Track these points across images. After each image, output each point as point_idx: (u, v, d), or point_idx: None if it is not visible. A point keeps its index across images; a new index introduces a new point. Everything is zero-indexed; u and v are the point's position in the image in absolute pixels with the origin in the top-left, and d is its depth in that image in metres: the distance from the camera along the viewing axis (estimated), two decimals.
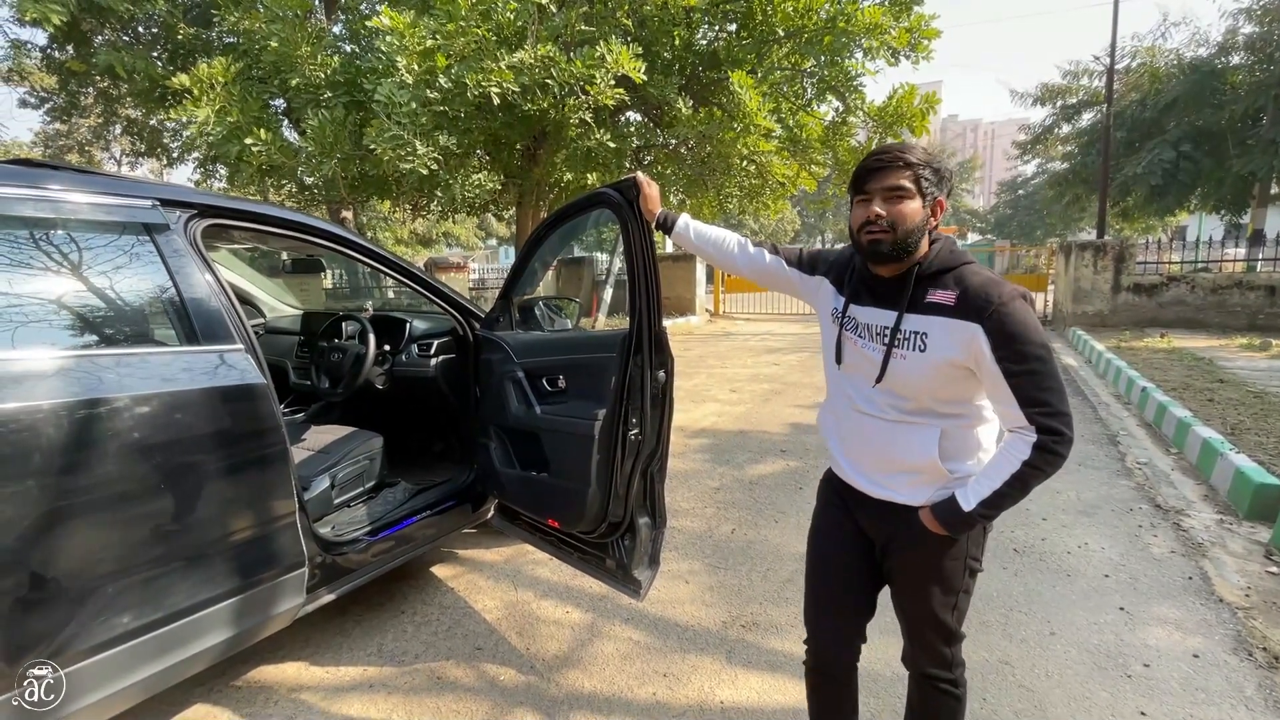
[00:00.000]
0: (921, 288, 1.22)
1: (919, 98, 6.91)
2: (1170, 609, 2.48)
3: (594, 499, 2.04)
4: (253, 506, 1.79)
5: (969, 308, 1.16)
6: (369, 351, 2.68)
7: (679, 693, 2.05)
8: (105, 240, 1.68)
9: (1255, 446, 4.01)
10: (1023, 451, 1.16)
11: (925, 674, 1.42)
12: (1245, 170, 12.57)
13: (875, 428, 1.32)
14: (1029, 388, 1.13)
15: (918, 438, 1.26)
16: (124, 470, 1.52)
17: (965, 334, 1.16)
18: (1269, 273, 9.90)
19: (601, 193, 1.91)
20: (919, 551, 1.32)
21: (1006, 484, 1.18)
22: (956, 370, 1.20)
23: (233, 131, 5.99)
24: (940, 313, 1.19)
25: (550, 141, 6.87)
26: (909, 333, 1.22)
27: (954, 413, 1.26)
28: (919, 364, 1.22)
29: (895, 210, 1.19)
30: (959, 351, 1.17)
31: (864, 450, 1.36)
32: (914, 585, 1.35)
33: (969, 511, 1.21)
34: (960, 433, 1.27)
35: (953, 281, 1.20)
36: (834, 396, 1.45)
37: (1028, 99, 16.76)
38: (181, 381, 1.64)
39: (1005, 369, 1.13)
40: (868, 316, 1.31)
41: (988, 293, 1.15)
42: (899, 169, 1.20)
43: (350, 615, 2.52)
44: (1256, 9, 12.45)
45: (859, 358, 1.33)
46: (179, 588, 1.62)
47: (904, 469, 1.30)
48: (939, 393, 1.24)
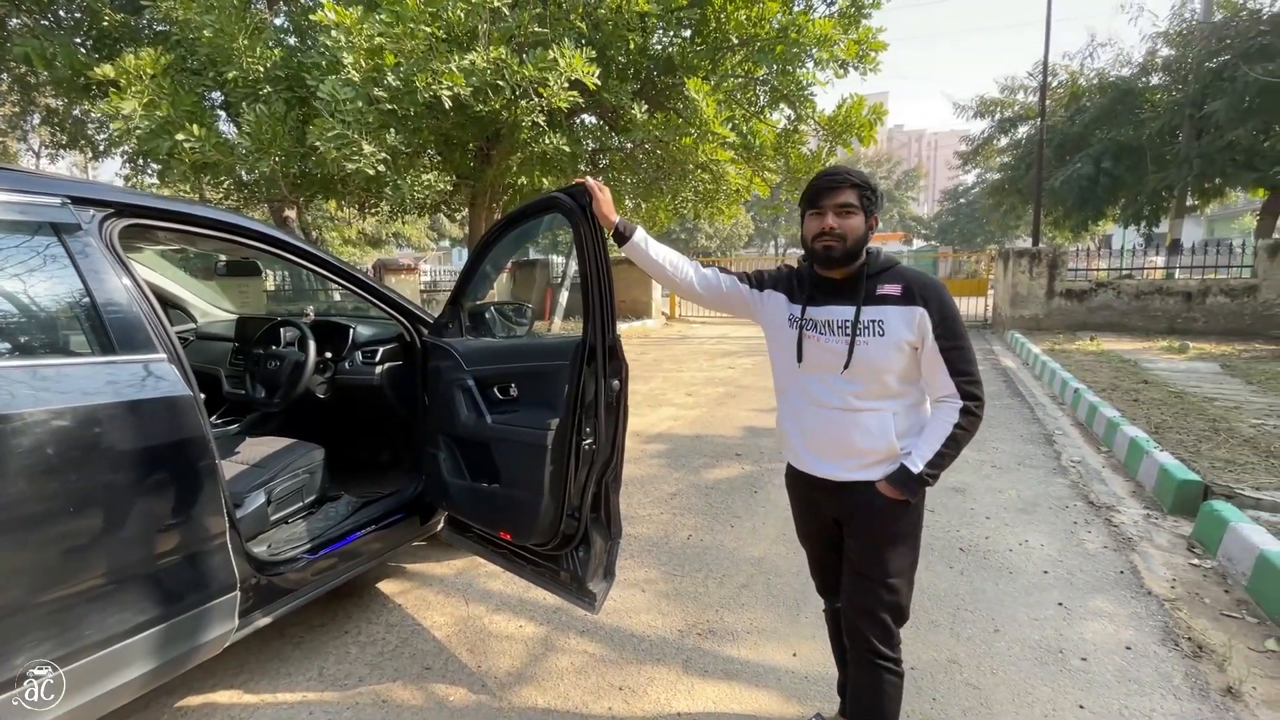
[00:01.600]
0: (871, 284, 1.47)
1: (867, 108, 7.10)
2: (1104, 603, 2.59)
3: (547, 511, 1.99)
4: (178, 528, 1.67)
5: (913, 295, 1.43)
6: (309, 359, 2.55)
7: (635, 706, 2.02)
8: (8, 242, 1.54)
9: (1177, 445, 4.25)
10: (952, 416, 1.44)
11: (870, 651, 1.55)
12: (1162, 184, 13.44)
13: (837, 419, 1.50)
14: (957, 360, 1.42)
15: (875, 423, 1.48)
16: (33, 491, 1.39)
17: (913, 316, 1.42)
18: (1185, 280, 10.57)
19: (554, 197, 1.86)
20: (876, 518, 1.52)
21: (944, 445, 1.44)
22: (908, 348, 1.43)
23: (162, 126, 5.67)
24: (891, 302, 1.44)
25: (504, 143, 6.76)
26: (868, 321, 1.44)
27: (903, 393, 1.48)
28: (880, 346, 1.43)
29: (845, 224, 1.44)
30: (910, 332, 1.42)
31: (827, 441, 1.53)
32: (871, 548, 1.54)
33: (918, 473, 1.45)
34: (908, 413, 1.50)
35: (894, 277, 1.46)
36: (792, 397, 1.61)
37: (968, 111, 17.48)
38: (98, 394, 1.52)
39: (941, 344, 1.41)
40: (827, 314, 1.49)
41: (925, 282, 1.45)
42: (848, 188, 1.43)
43: (288, 637, 2.39)
44: (1173, 33, 13.33)
45: (822, 352, 1.50)
46: (94, 618, 1.49)
47: (864, 451, 1.49)
48: (897, 371, 1.45)
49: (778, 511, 3.54)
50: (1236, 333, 9.87)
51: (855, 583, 1.57)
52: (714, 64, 6.97)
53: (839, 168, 1.48)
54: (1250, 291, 9.97)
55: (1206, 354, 8.18)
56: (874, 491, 1.50)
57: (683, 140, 6.40)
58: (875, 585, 1.54)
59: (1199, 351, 8.36)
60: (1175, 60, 13.37)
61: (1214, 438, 4.40)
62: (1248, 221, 27.31)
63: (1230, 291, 10.11)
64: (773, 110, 8.02)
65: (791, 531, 3.38)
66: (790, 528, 3.38)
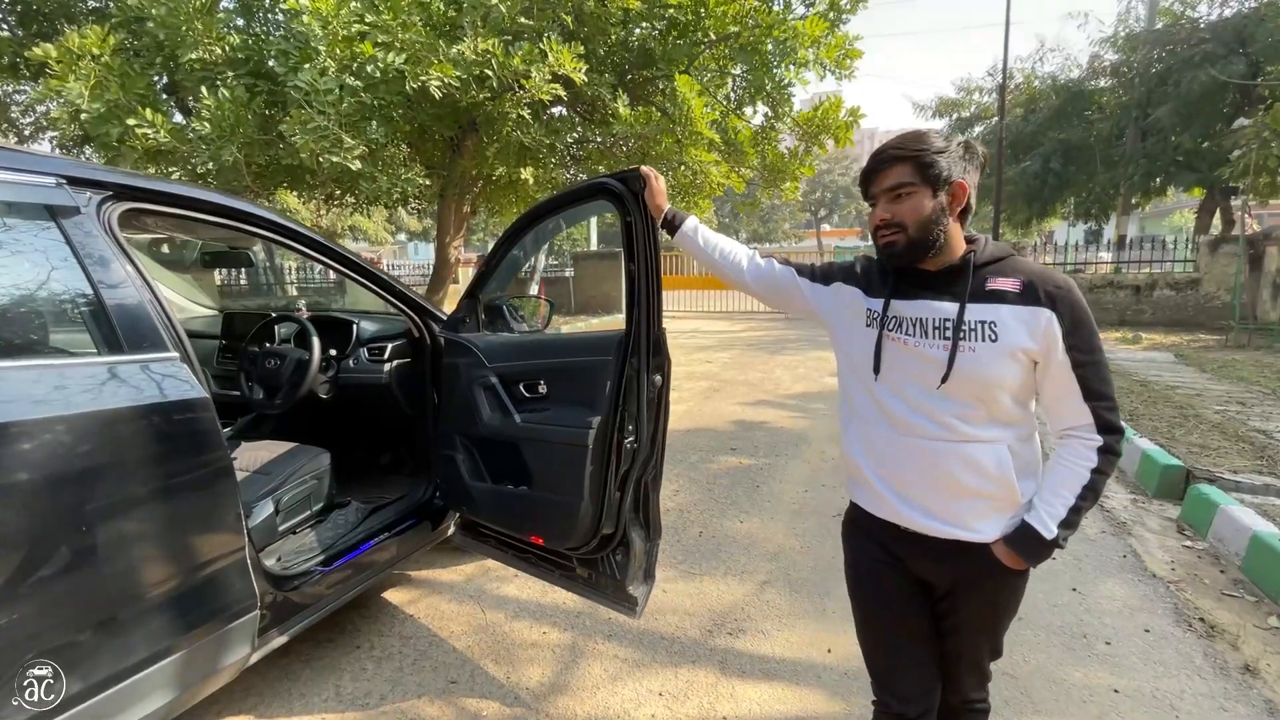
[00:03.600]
0: (979, 276, 1.14)
1: (844, 110, 7.16)
2: (1115, 586, 2.65)
3: (586, 513, 1.90)
4: (198, 543, 1.52)
5: (1037, 294, 1.10)
6: (313, 357, 2.38)
7: (679, 711, 1.95)
8: None
9: (1152, 431, 4.43)
10: (1089, 459, 1.11)
11: (964, 700, 1.35)
12: (1110, 183, 14.09)
13: (935, 450, 1.16)
14: (1094, 379, 1.09)
15: (989, 456, 1.14)
16: (35, 510, 1.23)
17: (1037, 320, 1.09)
18: (1135, 274, 11.12)
19: (603, 182, 1.76)
20: (986, 587, 1.22)
21: (1080, 497, 1.12)
22: (1026, 360, 1.11)
23: (112, 110, 5.27)
24: (1006, 300, 1.11)
25: (481, 134, 6.55)
26: (974, 322, 1.11)
27: (1019, 420, 1.16)
28: (992, 355, 1.10)
29: (900, 209, 1.13)
30: (1031, 340, 1.09)
31: (919, 478, 1.19)
32: (978, 622, 1.26)
33: (1052, 538, 1.12)
34: (1023, 448, 1.18)
35: (1012, 269, 1.14)
36: (867, 419, 1.26)
37: (928, 111, 17.96)
38: (106, 399, 1.36)
39: (1074, 358, 1.08)
40: (918, 310, 1.17)
41: (1053, 278, 1.11)
42: (897, 165, 1.13)
43: (296, 655, 2.23)
44: (1118, 40, 13.97)
45: (911, 360, 1.17)
46: (107, 650, 1.34)
47: (974, 495, 1.16)
48: (1013, 390, 1.12)
49: (784, 505, 3.53)
50: (1181, 323, 10.43)
51: (951, 649, 1.30)
52: (690, 60, 6.91)
53: (892, 140, 1.16)
54: (1193, 285, 10.56)
55: (1159, 344, 8.61)
56: (989, 554, 1.18)
57: (665, 140, 6.33)
58: (976, 658, 1.29)
59: (1151, 342, 8.79)
60: (1121, 65, 14.02)
61: (1185, 424, 4.60)
62: (1177, 219, 29.00)
63: (1175, 285, 10.67)
64: (748, 106, 8.01)
65: (802, 527, 3.42)
66: (800, 523, 3.41)
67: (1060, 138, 14.45)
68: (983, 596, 1.23)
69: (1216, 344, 8.54)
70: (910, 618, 1.29)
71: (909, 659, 1.30)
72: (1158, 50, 12.60)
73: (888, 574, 1.29)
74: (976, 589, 1.23)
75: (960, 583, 1.24)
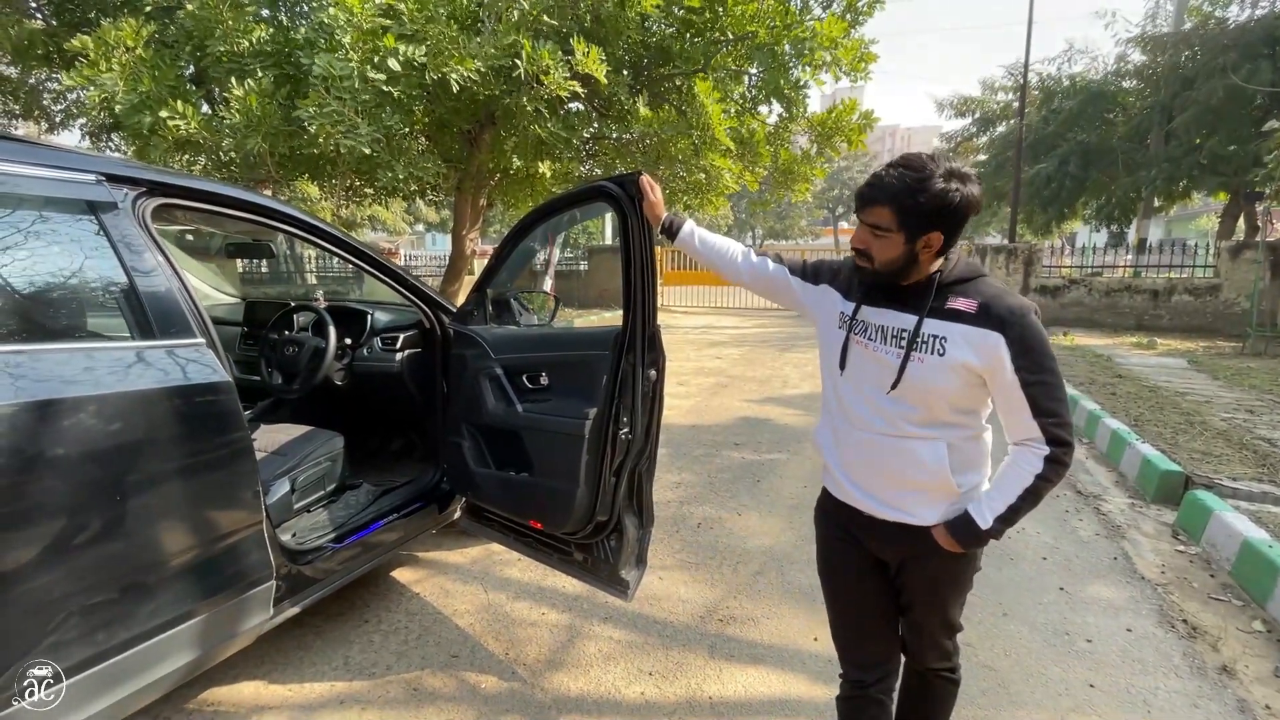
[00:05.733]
0: (942, 294, 1.23)
1: (858, 113, 7.16)
2: (1102, 588, 2.70)
3: (582, 499, 2.00)
4: (219, 516, 1.64)
5: (991, 317, 1.18)
6: (330, 345, 2.51)
7: (667, 690, 2.05)
8: (43, 220, 1.48)
9: (1156, 437, 4.43)
10: (1034, 465, 1.20)
11: (930, 668, 1.46)
12: (1132, 186, 13.89)
13: (882, 445, 1.29)
14: (1042, 398, 1.17)
15: (927, 452, 1.25)
16: (73, 482, 1.35)
17: (986, 342, 1.18)
18: (1153, 278, 10.97)
19: (601, 186, 1.85)
20: (934, 566, 1.33)
21: (1020, 498, 1.22)
22: (971, 376, 1.21)
23: (144, 101, 5.45)
24: (961, 320, 1.20)
25: (500, 127, 6.65)
26: (928, 336, 1.22)
27: (961, 423, 1.27)
28: (936, 368, 1.21)
29: (873, 245, 1.22)
30: (976, 358, 1.18)
31: (870, 469, 1.33)
32: (929, 596, 1.38)
33: (987, 529, 1.23)
34: (966, 445, 1.28)
35: (973, 291, 1.23)
36: (833, 412, 1.41)
37: (949, 109, 17.78)
38: (138, 380, 1.48)
39: (1022, 379, 1.17)
40: (882, 318, 1.28)
41: (1008, 304, 1.19)
42: (880, 205, 1.19)
43: (308, 627, 2.36)
44: (1145, 40, 13.73)
45: (868, 362, 1.29)
46: (138, 611, 1.46)
47: (915, 486, 1.28)
48: (953, 399, 1.23)
49: (783, 501, 3.61)
50: (1199, 330, 10.29)
51: (909, 621, 1.43)
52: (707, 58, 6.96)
53: (883, 172, 1.20)
54: (1213, 290, 10.40)
55: (1174, 350, 8.53)
56: (930, 537, 1.30)
57: (681, 141, 6.39)
58: (933, 630, 1.40)
59: (1166, 348, 8.70)
60: (1146, 66, 13.79)
61: (1189, 430, 4.60)
62: (1204, 223, 28.40)
63: (1194, 290, 10.52)
64: (763, 105, 8.03)
65: (799, 521, 3.50)
66: (797, 517, 3.49)
67: (1080, 139, 14.26)
68: (925, 574, 1.36)
69: (1233, 351, 8.44)
70: (869, 593, 1.43)
71: (867, 631, 1.45)
72: (1186, 52, 12.38)
73: (850, 553, 1.44)
74: (920, 568, 1.36)
75: (907, 561, 1.37)
